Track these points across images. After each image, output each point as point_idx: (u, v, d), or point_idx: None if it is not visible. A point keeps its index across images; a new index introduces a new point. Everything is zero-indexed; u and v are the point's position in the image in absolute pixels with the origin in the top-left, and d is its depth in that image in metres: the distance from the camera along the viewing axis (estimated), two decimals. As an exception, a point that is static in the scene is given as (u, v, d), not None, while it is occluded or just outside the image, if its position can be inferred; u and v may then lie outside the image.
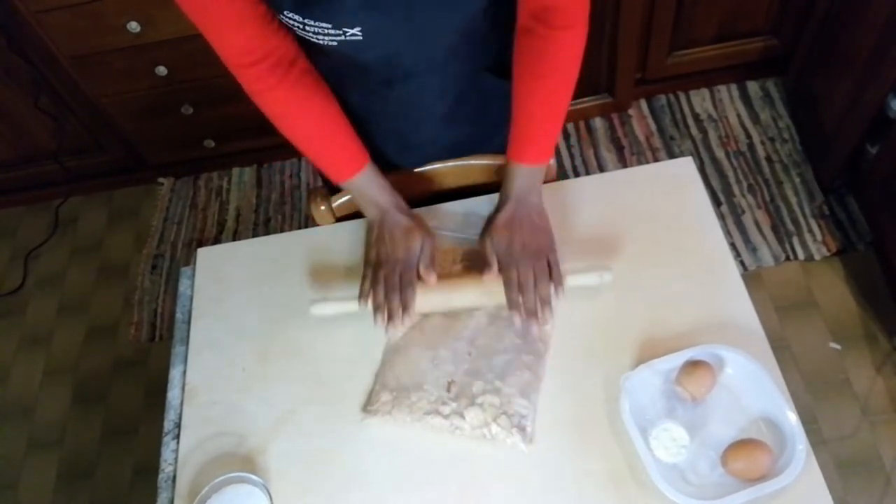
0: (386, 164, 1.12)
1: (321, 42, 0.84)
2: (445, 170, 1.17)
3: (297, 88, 0.95)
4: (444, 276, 1.01)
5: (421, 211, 1.12)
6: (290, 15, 0.81)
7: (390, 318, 0.95)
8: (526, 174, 1.00)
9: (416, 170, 1.17)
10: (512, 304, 0.94)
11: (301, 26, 0.82)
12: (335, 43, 0.84)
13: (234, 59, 0.89)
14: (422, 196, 1.19)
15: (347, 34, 0.83)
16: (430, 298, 0.98)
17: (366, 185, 1.03)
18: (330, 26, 0.81)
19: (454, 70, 0.99)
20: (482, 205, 1.12)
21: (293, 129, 1.00)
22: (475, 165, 1.17)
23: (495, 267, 0.96)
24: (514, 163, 1.00)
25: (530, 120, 0.98)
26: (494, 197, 1.11)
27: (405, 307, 0.95)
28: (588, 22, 0.91)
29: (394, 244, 0.99)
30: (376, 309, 0.96)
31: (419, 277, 0.97)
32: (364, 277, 1.00)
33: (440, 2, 0.84)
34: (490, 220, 1.01)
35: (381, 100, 1.02)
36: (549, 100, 0.96)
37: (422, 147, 1.13)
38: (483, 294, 0.98)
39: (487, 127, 1.11)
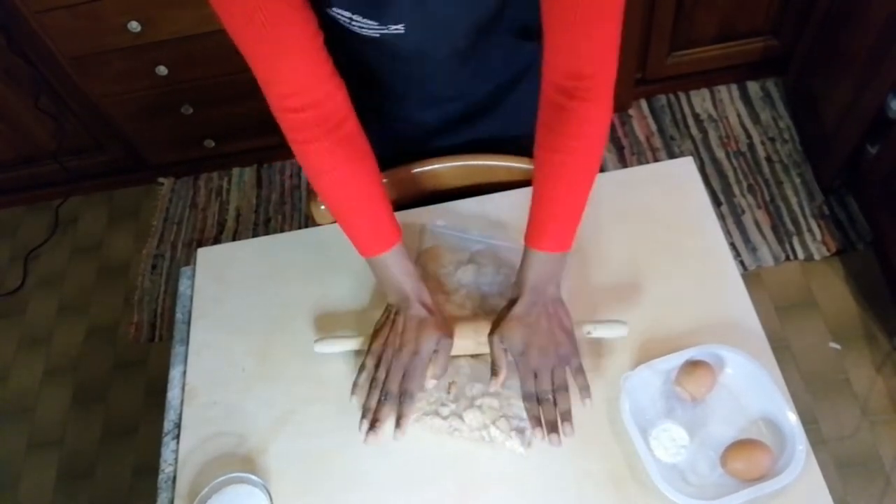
0: (406, 140, 1.11)
1: (363, 34, 0.84)
2: (449, 169, 1.17)
3: (342, 148, 0.89)
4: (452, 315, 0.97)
5: (426, 210, 1.13)
6: (339, 11, 0.81)
7: (373, 426, 0.87)
8: (544, 262, 0.91)
9: (418, 169, 1.17)
10: (531, 418, 0.86)
11: (348, 21, 0.82)
12: (377, 35, 0.84)
13: (282, 99, 0.85)
14: (426, 195, 1.20)
15: (391, 29, 0.83)
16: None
17: (393, 265, 0.94)
18: (377, 24, 0.82)
19: (473, 45, 0.96)
20: (485, 204, 1.12)
21: (329, 189, 0.93)
22: (479, 166, 1.17)
23: (503, 375, 0.88)
24: (532, 249, 0.91)
25: (550, 202, 0.90)
26: (499, 196, 1.12)
27: (399, 420, 0.87)
28: (612, 99, 0.87)
29: (404, 340, 0.90)
30: (364, 412, 0.88)
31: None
32: (362, 367, 0.93)
33: None
34: (502, 314, 0.92)
35: (391, 74, 1.00)
36: (571, 180, 0.89)
37: (438, 105, 1.09)
38: (480, 344, 0.94)
39: (508, 84, 1.07)
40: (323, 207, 1.16)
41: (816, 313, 1.83)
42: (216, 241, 2.24)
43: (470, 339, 0.94)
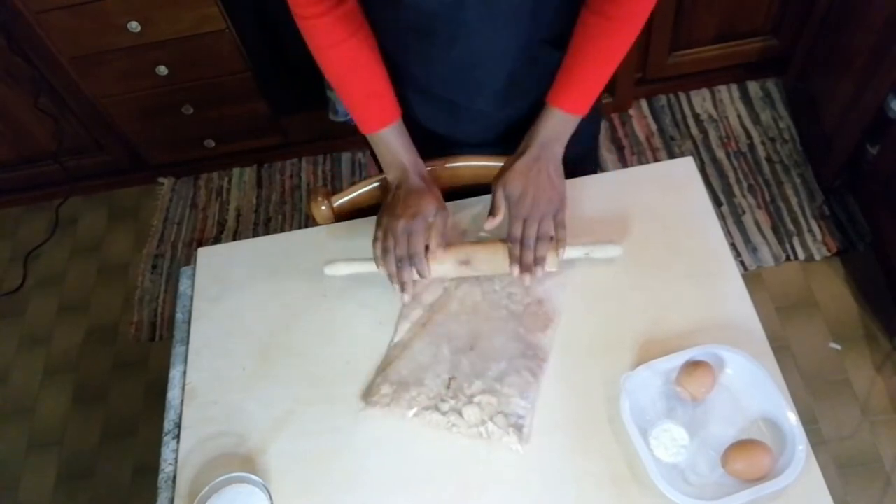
0: (437, 139, 1.12)
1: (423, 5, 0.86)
2: (458, 169, 1.17)
3: (343, 23, 0.94)
4: (457, 245, 1.02)
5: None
6: None
7: (404, 288, 0.98)
8: (559, 120, 0.99)
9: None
10: (512, 257, 0.97)
11: None
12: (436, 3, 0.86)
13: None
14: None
15: None
16: (442, 267, 1.01)
17: (393, 139, 1.03)
18: None
19: (516, 34, 0.96)
20: (481, 204, 1.12)
21: (333, 63, 0.99)
22: (483, 167, 1.17)
23: (501, 214, 0.99)
24: (551, 106, 0.99)
25: (582, 62, 0.96)
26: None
27: (420, 274, 0.98)
28: None
29: (405, 207, 0.99)
30: (391, 278, 0.99)
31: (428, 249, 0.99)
32: (375, 239, 1.01)
33: None
34: (508, 164, 1.01)
35: (441, 64, 1.00)
36: (607, 47, 0.95)
37: (474, 120, 1.11)
38: (494, 265, 1.01)
39: (539, 105, 1.08)
40: (323, 207, 1.16)
41: (817, 313, 1.83)
42: (216, 241, 2.24)
43: (484, 263, 1.01)
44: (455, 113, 1.10)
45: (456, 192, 1.17)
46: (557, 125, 1.00)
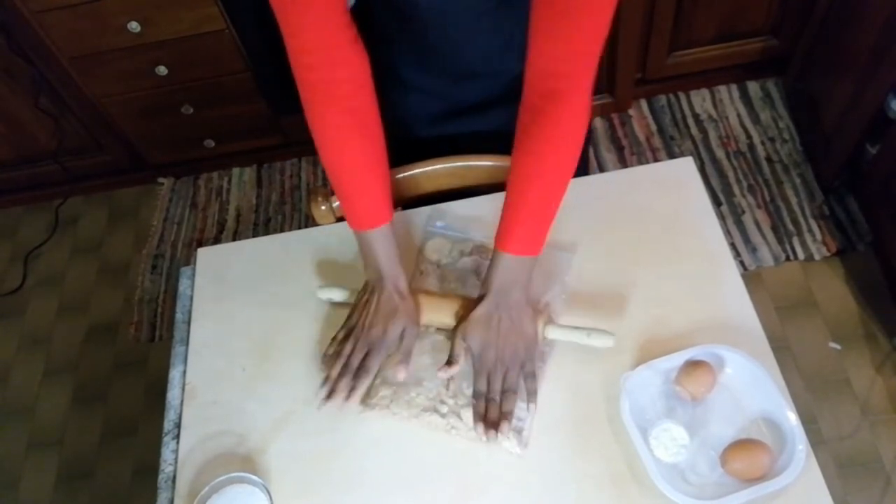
0: (442, 112, 1.10)
1: None
2: (445, 170, 1.17)
3: (350, 118, 0.92)
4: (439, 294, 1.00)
5: (425, 210, 1.13)
6: None
7: (329, 396, 0.91)
8: (510, 266, 0.92)
9: (417, 170, 1.17)
10: (475, 414, 0.89)
11: None
12: None
13: (300, 54, 0.87)
14: (424, 196, 1.20)
15: None
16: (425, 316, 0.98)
17: (377, 243, 0.96)
18: None
19: (505, 16, 0.94)
20: (481, 204, 1.12)
21: (329, 155, 0.95)
22: (475, 166, 1.17)
23: (458, 366, 0.91)
24: (499, 251, 0.92)
25: (520, 205, 0.91)
26: (495, 196, 1.12)
27: (350, 392, 0.91)
28: (591, 99, 0.87)
29: (374, 321, 0.94)
30: (325, 381, 0.93)
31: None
32: (334, 339, 0.97)
33: None
34: (468, 313, 0.93)
35: (422, 25, 0.98)
36: (541, 184, 0.90)
37: (474, 75, 1.08)
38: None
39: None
40: (323, 208, 1.16)
41: (816, 313, 1.83)
42: (216, 241, 2.24)
43: (450, 318, 0.96)
44: (450, 71, 1.06)
45: (455, 192, 1.18)
46: (511, 270, 0.92)
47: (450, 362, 0.91)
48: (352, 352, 0.93)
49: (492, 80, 1.09)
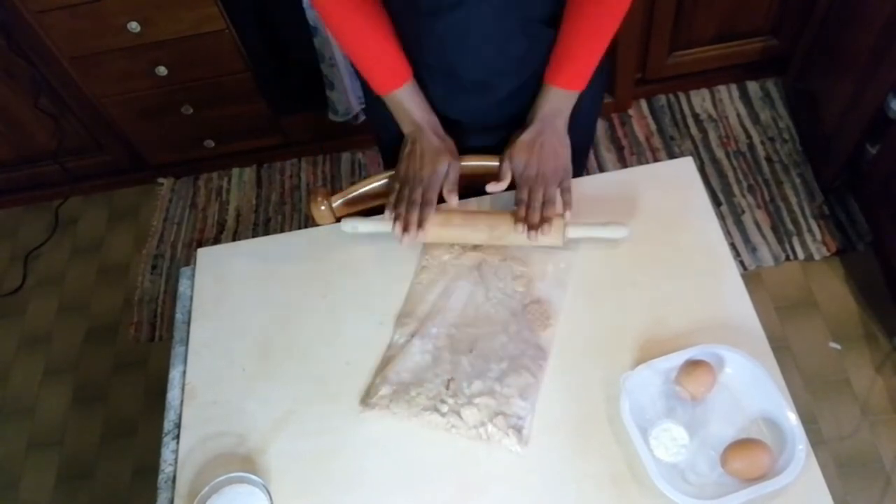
0: (453, 125, 1.14)
1: None
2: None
3: None
4: (459, 212, 1.06)
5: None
6: None
7: (406, 228, 1.02)
8: (558, 97, 1.05)
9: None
10: (518, 219, 1.01)
11: None
12: None
13: None
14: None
15: None
16: (444, 231, 1.04)
17: (407, 99, 1.08)
18: None
19: (509, 13, 0.99)
20: (485, 202, 1.12)
21: (348, 31, 1.04)
22: (479, 167, 1.17)
23: (506, 181, 1.04)
24: (548, 85, 1.05)
25: (574, 39, 1.01)
26: (496, 197, 1.12)
27: (420, 222, 1.02)
28: None
29: (422, 163, 1.06)
30: (395, 219, 1.03)
31: (442, 198, 1.05)
32: (391, 190, 1.08)
33: None
34: (514, 139, 1.06)
35: (438, 37, 1.02)
36: (596, 22, 0.99)
37: (482, 96, 1.12)
38: (493, 235, 1.03)
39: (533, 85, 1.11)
40: (323, 208, 1.16)
41: (816, 313, 1.83)
42: (216, 241, 2.24)
43: (484, 232, 1.04)
44: (463, 90, 1.11)
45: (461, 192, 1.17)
46: (557, 101, 1.05)
47: (499, 178, 1.04)
48: (410, 192, 1.04)
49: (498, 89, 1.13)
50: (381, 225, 1.07)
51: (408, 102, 1.08)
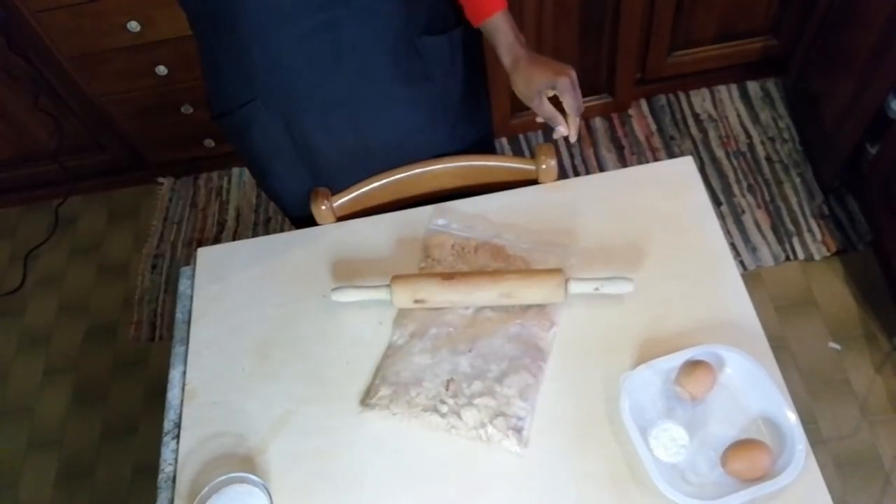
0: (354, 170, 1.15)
1: None
2: (449, 170, 1.17)
3: None
4: (463, 272, 1.02)
5: (426, 209, 1.13)
6: None
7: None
8: (509, 17, 1.05)
9: (419, 170, 1.17)
10: (552, 116, 1.03)
11: None
12: None
13: None
14: (426, 196, 1.19)
15: None
16: (451, 295, 0.99)
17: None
18: None
19: (394, 33, 1.01)
20: (481, 203, 1.12)
21: None
22: (479, 166, 1.17)
23: (565, 125, 1.03)
24: (498, 13, 1.04)
25: None
26: (494, 196, 1.12)
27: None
28: None
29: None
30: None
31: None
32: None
33: None
34: (516, 66, 1.04)
35: (333, 75, 1.02)
36: None
37: (391, 114, 1.13)
38: (501, 294, 0.98)
39: (435, 96, 1.12)
40: (324, 207, 1.16)
41: (816, 313, 1.83)
42: (216, 241, 2.24)
43: (491, 291, 0.98)
44: (366, 114, 1.11)
45: (456, 192, 1.18)
46: (511, 21, 1.05)
47: (559, 122, 1.03)
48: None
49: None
50: (371, 293, 1.02)
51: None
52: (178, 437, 0.98)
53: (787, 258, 1.92)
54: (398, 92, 1.09)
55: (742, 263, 1.92)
